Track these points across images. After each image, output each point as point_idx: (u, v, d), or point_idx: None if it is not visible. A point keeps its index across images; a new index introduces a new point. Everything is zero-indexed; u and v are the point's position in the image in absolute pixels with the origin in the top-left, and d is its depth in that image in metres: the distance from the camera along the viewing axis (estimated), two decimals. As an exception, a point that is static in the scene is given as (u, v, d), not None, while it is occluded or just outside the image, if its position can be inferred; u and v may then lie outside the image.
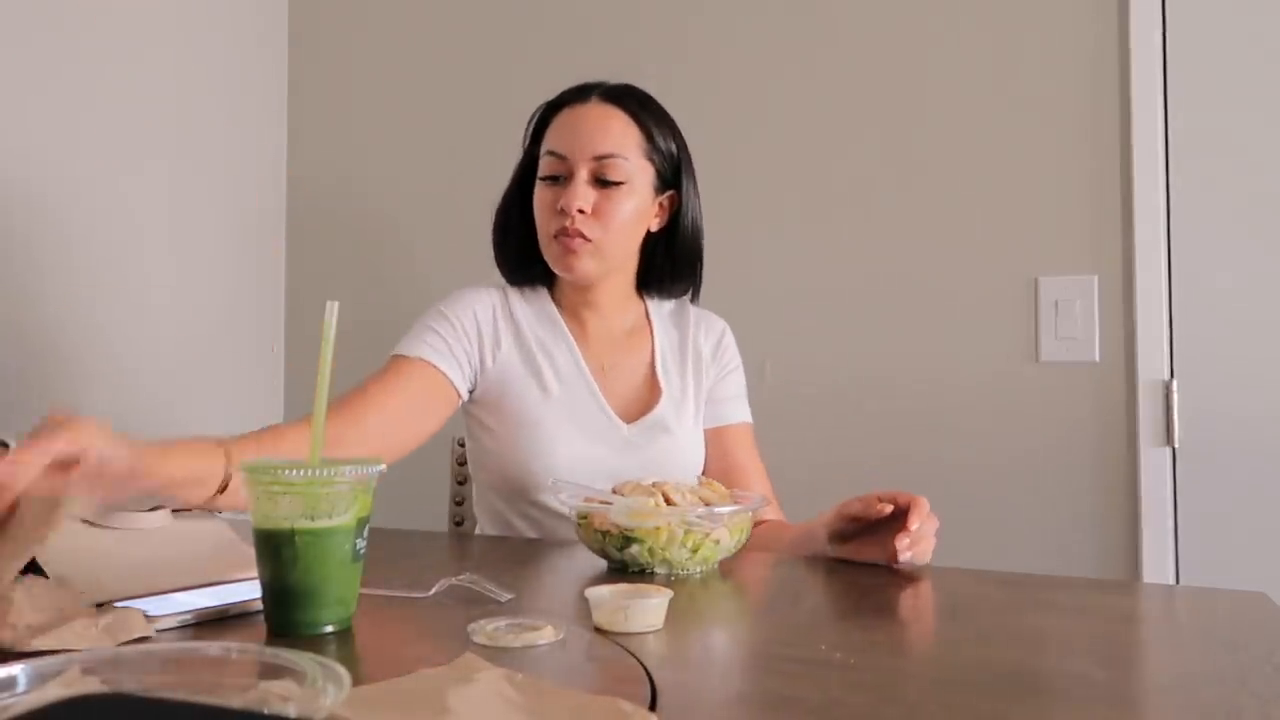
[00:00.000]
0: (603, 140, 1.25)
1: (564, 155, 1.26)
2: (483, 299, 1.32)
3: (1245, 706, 0.57)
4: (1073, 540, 1.69)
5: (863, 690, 0.60)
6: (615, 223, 1.26)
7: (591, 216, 1.24)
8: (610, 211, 1.25)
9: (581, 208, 1.23)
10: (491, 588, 0.82)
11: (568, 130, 1.27)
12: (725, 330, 1.44)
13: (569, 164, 1.25)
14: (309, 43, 2.33)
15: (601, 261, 1.27)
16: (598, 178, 1.25)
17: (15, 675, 0.46)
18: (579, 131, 1.26)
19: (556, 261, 1.28)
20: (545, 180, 1.28)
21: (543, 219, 1.28)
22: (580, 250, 1.25)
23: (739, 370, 1.43)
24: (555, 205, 1.25)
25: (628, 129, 1.27)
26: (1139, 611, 0.90)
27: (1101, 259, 1.70)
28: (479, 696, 0.50)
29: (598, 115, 1.27)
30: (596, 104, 1.28)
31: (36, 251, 1.77)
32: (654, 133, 1.29)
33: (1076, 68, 1.72)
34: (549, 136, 1.29)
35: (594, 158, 1.24)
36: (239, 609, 0.74)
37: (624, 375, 1.34)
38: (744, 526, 1.00)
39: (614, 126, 1.26)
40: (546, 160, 1.27)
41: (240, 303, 2.20)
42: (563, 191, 1.25)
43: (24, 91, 1.73)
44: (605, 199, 1.25)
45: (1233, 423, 1.61)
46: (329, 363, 0.75)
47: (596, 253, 1.26)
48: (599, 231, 1.25)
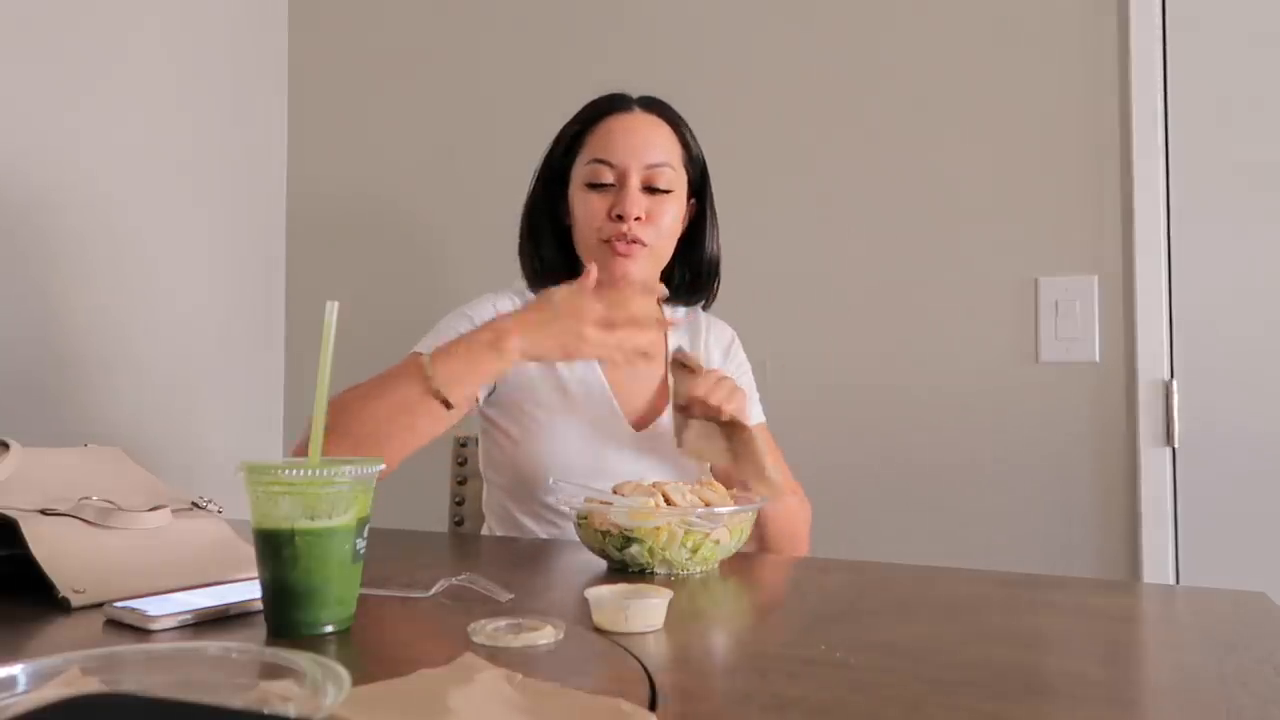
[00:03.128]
0: (654, 149, 1.29)
1: (615, 163, 1.28)
2: (505, 305, 1.34)
3: (1245, 706, 0.57)
4: (1073, 540, 1.69)
5: (863, 690, 0.60)
6: (665, 228, 1.30)
7: (646, 222, 1.28)
8: (660, 217, 1.29)
9: (639, 215, 1.26)
10: (491, 588, 0.82)
11: (618, 139, 1.29)
12: (734, 337, 1.48)
13: (619, 171, 1.28)
14: (309, 43, 2.33)
15: (654, 266, 1.32)
16: (647, 185, 1.28)
17: (15, 675, 0.46)
18: (631, 140, 1.29)
19: (608, 265, 1.29)
20: (593, 187, 1.29)
21: (593, 224, 1.29)
22: (637, 255, 1.28)
23: (749, 374, 1.46)
24: (606, 212, 1.28)
25: (671, 140, 1.32)
26: (1139, 611, 0.90)
27: (1101, 259, 1.70)
28: (479, 696, 0.50)
29: (645, 125, 1.31)
30: (641, 114, 1.32)
31: (36, 252, 1.77)
32: (689, 143, 1.34)
33: (1076, 68, 1.72)
34: (594, 144, 1.31)
35: (646, 166, 1.28)
36: (239, 609, 0.74)
37: (638, 382, 1.36)
38: (744, 526, 1.00)
39: (661, 136, 1.31)
40: (594, 168, 1.29)
41: (240, 303, 2.20)
42: (613, 198, 1.28)
43: (24, 94, 1.73)
44: (655, 205, 1.29)
45: (1233, 423, 1.61)
46: (329, 363, 0.75)
47: (650, 256, 1.30)
48: (652, 236, 1.28)
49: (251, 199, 2.24)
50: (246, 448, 2.16)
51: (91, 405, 1.85)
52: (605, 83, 1.36)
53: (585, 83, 1.36)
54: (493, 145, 2.14)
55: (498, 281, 1.42)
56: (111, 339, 1.89)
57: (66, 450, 0.96)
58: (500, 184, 2.17)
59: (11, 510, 0.80)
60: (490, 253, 2.14)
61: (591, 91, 1.36)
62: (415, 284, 2.18)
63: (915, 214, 1.82)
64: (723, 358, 1.44)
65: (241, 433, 2.18)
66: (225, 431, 2.14)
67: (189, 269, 2.06)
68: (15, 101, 1.72)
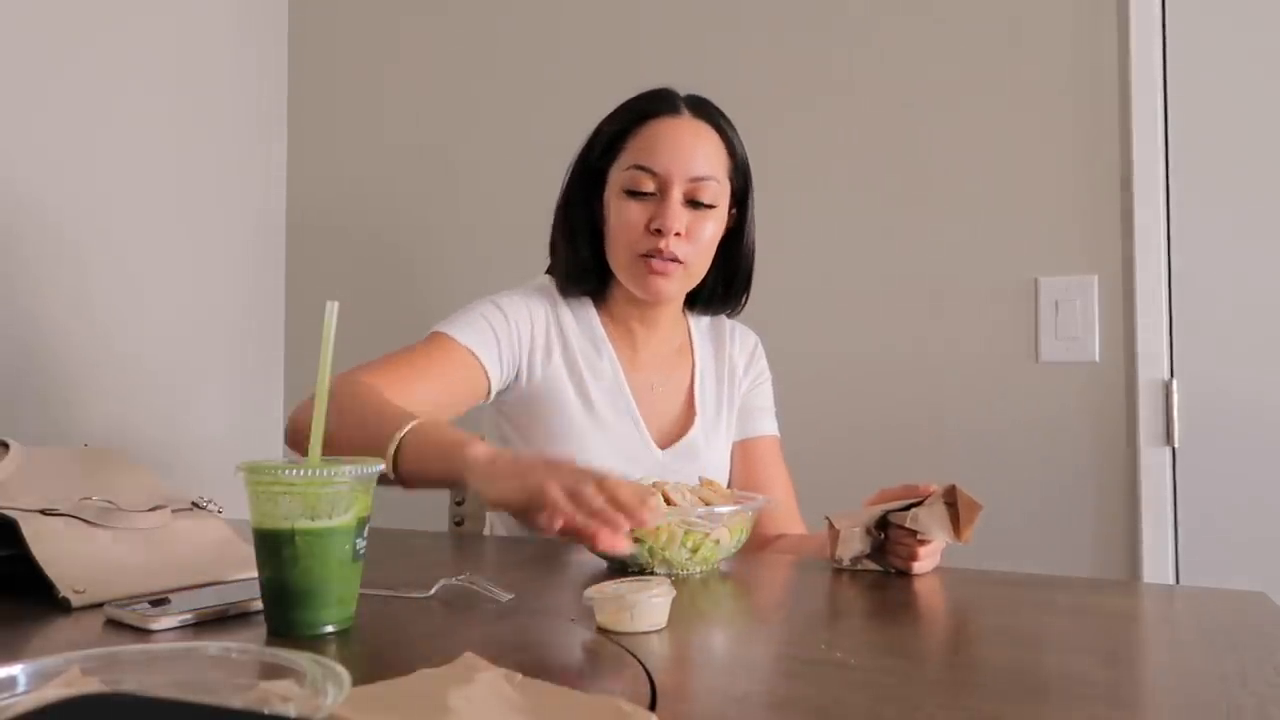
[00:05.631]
0: (701, 161, 1.21)
1: (658, 173, 1.20)
2: (537, 309, 1.27)
3: (1245, 706, 0.57)
4: (1073, 540, 1.69)
5: (863, 690, 0.60)
6: (704, 245, 1.23)
7: (684, 238, 1.21)
8: (700, 234, 1.22)
9: (679, 230, 1.19)
10: (491, 588, 0.82)
11: (664, 147, 1.21)
12: (758, 343, 1.43)
13: (662, 180, 1.20)
14: (309, 43, 2.33)
15: (688, 284, 1.26)
16: (690, 199, 1.21)
17: (15, 675, 0.46)
18: (677, 150, 1.20)
19: (640, 282, 1.23)
20: (633, 195, 1.21)
21: (630, 236, 1.22)
22: (672, 274, 1.21)
23: (769, 383, 1.42)
24: (645, 224, 1.20)
25: (719, 150, 1.24)
26: (1139, 611, 0.90)
27: (1101, 259, 1.70)
28: (479, 696, 0.50)
29: (692, 133, 1.22)
30: (689, 119, 1.23)
31: (38, 254, 1.77)
32: (736, 150, 1.26)
33: (1076, 68, 1.72)
34: (636, 149, 1.22)
35: (690, 178, 1.20)
36: (239, 609, 0.74)
37: (664, 397, 1.32)
38: (744, 526, 1.00)
39: (708, 147, 1.22)
40: (635, 174, 1.21)
41: (240, 303, 2.20)
42: (653, 209, 1.20)
43: (26, 99, 1.73)
44: (696, 221, 1.21)
45: (1233, 423, 1.61)
46: (329, 363, 0.75)
47: (686, 275, 1.23)
48: (691, 254, 1.22)
49: (251, 199, 2.24)
50: (246, 448, 2.16)
51: (91, 405, 1.85)
52: (605, 85, 1.34)
53: (586, 84, 1.35)
54: (493, 146, 2.14)
55: (497, 282, 1.41)
56: (111, 339, 1.89)
57: (66, 450, 0.96)
58: (499, 186, 2.17)
59: (11, 510, 0.80)
60: (489, 254, 2.14)
61: (591, 93, 1.34)
62: (415, 284, 2.18)
63: (915, 214, 1.81)
64: (745, 366, 1.39)
65: (241, 433, 2.18)
66: (225, 431, 2.13)
67: (189, 269, 2.06)
68: (15, 102, 1.72)
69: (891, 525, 0.97)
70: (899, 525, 0.96)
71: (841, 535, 0.98)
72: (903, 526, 0.96)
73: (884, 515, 0.97)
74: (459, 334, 1.19)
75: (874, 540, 0.98)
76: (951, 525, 0.96)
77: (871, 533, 0.98)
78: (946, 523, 0.95)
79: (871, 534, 0.98)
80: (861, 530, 0.97)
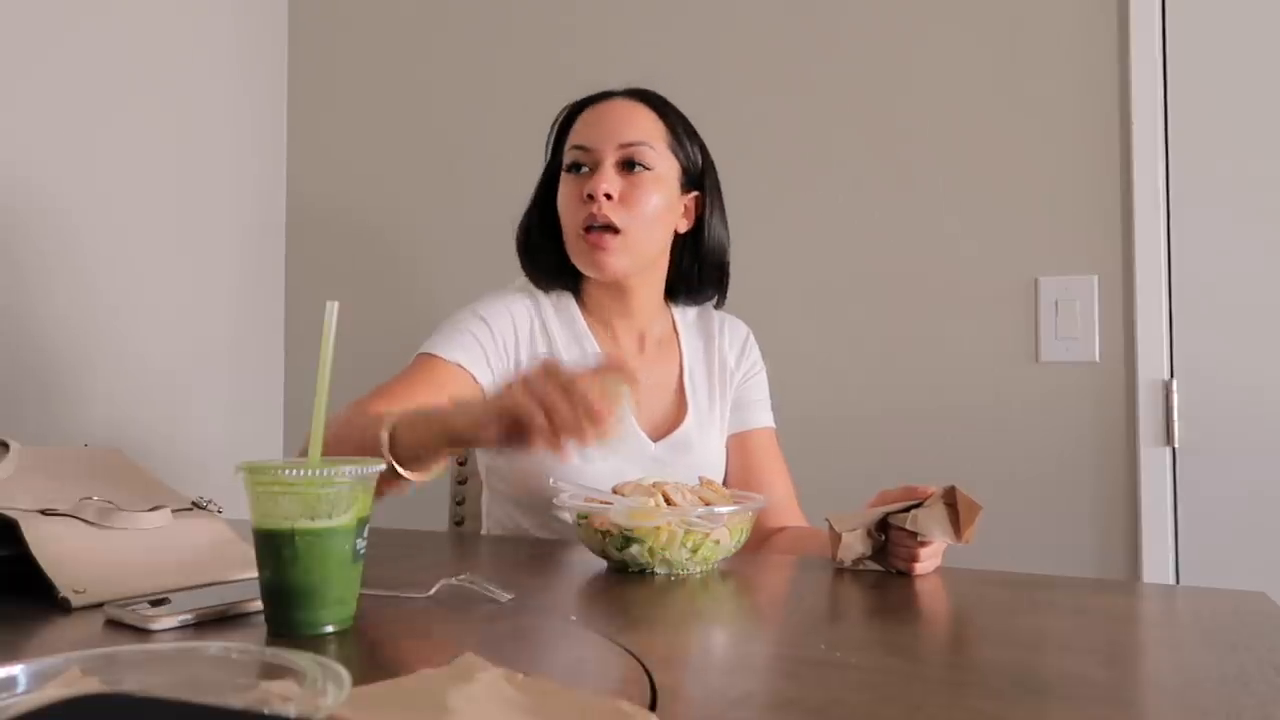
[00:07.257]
0: (629, 129, 1.24)
1: (589, 146, 1.23)
2: (518, 308, 1.28)
3: (1245, 706, 0.57)
4: (1073, 540, 1.69)
5: (863, 690, 0.60)
6: (643, 210, 1.22)
7: (619, 204, 1.21)
8: (638, 199, 1.22)
9: (609, 192, 1.20)
10: (491, 588, 0.82)
11: (593, 123, 1.26)
12: (749, 335, 1.42)
13: (594, 154, 1.23)
14: (309, 44, 2.33)
15: (631, 257, 1.23)
16: (622, 162, 1.23)
17: (15, 675, 0.46)
18: (604, 123, 1.25)
19: (585, 260, 1.24)
20: (570, 172, 1.25)
21: (569, 213, 1.24)
22: (610, 247, 1.21)
23: (762, 374, 1.41)
24: (580, 195, 1.22)
25: (654, 122, 1.26)
26: (1139, 611, 0.90)
27: (1101, 259, 1.70)
28: (479, 696, 0.50)
29: (623, 107, 1.26)
30: (621, 100, 1.28)
31: (38, 253, 1.77)
32: (678, 128, 1.28)
33: (1076, 68, 1.72)
34: (573, 134, 1.27)
35: (620, 145, 1.23)
36: (239, 609, 0.74)
37: (653, 390, 1.31)
38: (744, 526, 1.00)
39: (639, 117, 1.26)
40: (571, 154, 1.25)
41: (240, 303, 2.20)
42: (588, 180, 1.22)
43: (26, 99, 1.73)
44: (632, 186, 1.22)
45: (1233, 423, 1.61)
46: (329, 363, 0.75)
47: (625, 248, 1.22)
48: (627, 219, 1.21)
49: (251, 200, 2.24)
50: (246, 448, 2.16)
51: (91, 405, 1.85)
52: (605, 84, 1.35)
53: (586, 86, 1.35)
54: (492, 147, 2.14)
55: (497, 282, 1.41)
56: (111, 339, 1.89)
57: (66, 450, 0.97)
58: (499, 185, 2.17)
59: (11, 510, 0.80)
60: (489, 253, 2.14)
61: (591, 92, 1.34)
62: (415, 284, 2.18)
63: (915, 214, 1.81)
64: (737, 359, 1.39)
65: (241, 433, 2.18)
66: (225, 432, 2.13)
67: (189, 269, 2.06)
68: (15, 103, 1.72)
69: (892, 527, 0.98)
70: (899, 527, 0.96)
71: (844, 541, 0.98)
72: (903, 528, 0.96)
73: (884, 517, 0.98)
74: (444, 351, 1.20)
75: (875, 542, 0.99)
76: (951, 526, 0.96)
77: (872, 535, 0.98)
78: (946, 524, 0.96)
79: (872, 536, 0.98)
80: (862, 533, 0.98)
